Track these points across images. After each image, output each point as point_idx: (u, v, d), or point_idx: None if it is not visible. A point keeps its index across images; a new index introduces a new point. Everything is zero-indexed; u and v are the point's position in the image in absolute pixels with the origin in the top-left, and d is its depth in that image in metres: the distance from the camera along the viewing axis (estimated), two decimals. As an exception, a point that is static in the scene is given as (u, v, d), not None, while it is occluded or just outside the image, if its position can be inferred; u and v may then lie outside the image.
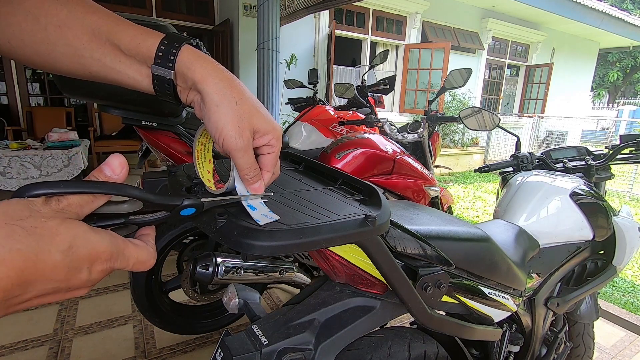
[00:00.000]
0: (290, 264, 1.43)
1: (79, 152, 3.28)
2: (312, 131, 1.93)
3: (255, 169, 0.39)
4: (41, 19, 0.39)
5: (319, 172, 0.54)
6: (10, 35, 0.38)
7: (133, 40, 0.38)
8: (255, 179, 0.39)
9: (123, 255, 0.31)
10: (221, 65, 0.40)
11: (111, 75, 0.40)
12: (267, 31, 3.29)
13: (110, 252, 0.29)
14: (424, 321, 0.59)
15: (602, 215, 0.99)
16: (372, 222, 0.38)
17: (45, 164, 3.11)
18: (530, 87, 8.48)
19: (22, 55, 0.40)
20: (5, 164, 2.97)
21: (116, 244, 0.30)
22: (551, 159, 1.22)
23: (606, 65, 16.68)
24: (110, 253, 0.29)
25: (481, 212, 4.03)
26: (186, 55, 0.38)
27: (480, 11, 7.08)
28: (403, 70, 6.50)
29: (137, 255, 0.32)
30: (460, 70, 1.61)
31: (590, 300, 1.14)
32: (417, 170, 1.59)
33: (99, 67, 0.39)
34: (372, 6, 5.97)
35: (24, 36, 0.39)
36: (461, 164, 6.59)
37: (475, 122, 1.44)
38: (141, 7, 4.78)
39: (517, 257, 0.81)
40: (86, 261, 0.28)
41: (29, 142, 3.29)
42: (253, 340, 0.52)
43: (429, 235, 0.61)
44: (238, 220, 0.35)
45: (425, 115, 1.74)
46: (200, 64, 0.38)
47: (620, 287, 2.42)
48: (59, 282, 0.27)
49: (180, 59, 0.38)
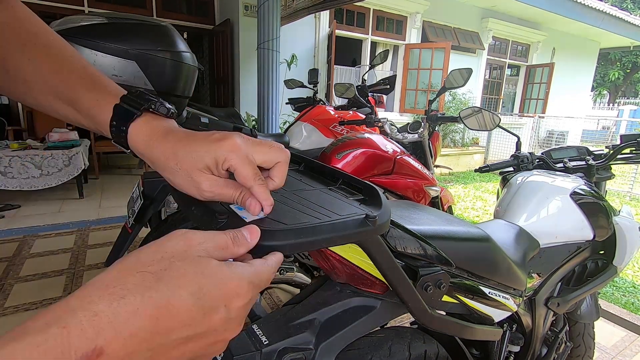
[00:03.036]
0: (290, 264, 1.43)
1: (80, 152, 3.28)
2: (312, 131, 1.93)
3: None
4: (10, 71, 0.40)
5: (320, 172, 0.53)
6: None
7: (89, 112, 0.40)
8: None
9: (262, 282, 0.30)
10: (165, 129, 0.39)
11: (82, 125, 0.42)
12: (267, 31, 3.29)
13: (247, 284, 0.28)
14: (424, 321, 0.58)
15: (602, 215, 0.99)
16: (372, 222, 0.38)
17: (46, 164, 3.12)
18: (530, 87, 8.47)
19: (4, 94, 0.43)
20: (6, 164, 2.97)
21: (250, 273, 0.28)
22: (551, 158, 1.22)
23: (607, 64, 16.67)
24: (247, 286, 0.28)
25: (481, 212, 4.03)
26: (134, 137, 0.38)
27: (480, 11, 7.07)
28: (403, 70, 6.50)
29: (268, 278, 0.31)
30: (460, 70, 1.61)
31: (591, 300, 1.14)
32: (417, 170, 1.59)
33: (67, 119, 0.42)
34: (373, 6, 5.96)
35: (0, 84, 0.42)
36: (461, 164, 6.59)
37: (476, 122, 1.44)
38: (141, 7, 4.78)
39: (518, 257, 0.81)
40: (221, 300, 0.26)
41: (30, 142, 3.29)
42: (253, 340, 0.52)
43: (430, 235, 0.61)
44: (238, 220, 0.35)
45: (426, 115, 1.73)
46: (145, 149, 0.38)
47: (620, 287, 2.42)
48: (199, 327, 0.25)
49: (130, 140, 0.38)
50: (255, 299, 0.30)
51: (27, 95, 0.42)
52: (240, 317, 0.28)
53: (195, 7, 5.28)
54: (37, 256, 2.35)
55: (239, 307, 0.27)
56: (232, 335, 0.28)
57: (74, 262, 2.28)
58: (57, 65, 0.40)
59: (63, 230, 2.78)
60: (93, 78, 0.41)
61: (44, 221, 2.90)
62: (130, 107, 0.38)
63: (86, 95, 0.39)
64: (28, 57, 0.40)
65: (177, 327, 0.24)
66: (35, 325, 0.21)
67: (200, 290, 0.25)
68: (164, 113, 0.39)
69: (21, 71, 0.40)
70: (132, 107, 0.38)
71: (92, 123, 0.40)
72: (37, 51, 0.40)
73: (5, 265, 2.20)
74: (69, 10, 4.26)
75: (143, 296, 0.23)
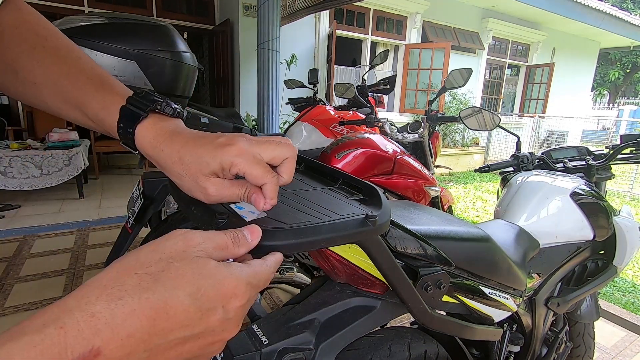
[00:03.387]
0: (290, 264, 1.43)
1: (80, 152, 3.29)
2: (312, 131, 1.93)
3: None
4: (19, 74, 0.41)
5: (320, 172, 0.53)
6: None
7: (97, 115, 0.40)
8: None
9: (261, 282, 0.29)
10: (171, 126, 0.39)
11: (91, 128, 0.43)
12: (267, 31, 3.29)
13: (244, 285, 0.28)
14: (425, 321, 0.58)
15: (602, 215, 0.99)
16: (372, 222, 0.38)
17: (46, 164, 3.12)
18: (530, 87, 8.46)
19: (11, 96, 0.43)
20: (6, 164, 2.97)
21: (248, 273, 0.28)
22: (551, 158, 1.22)
23: (607, 64, 16.67)
24: (244, 286, 0.28)
25: (481, 212, 4.03)
26: (141, 139, 0.38)
27: (480, 11, 7.07)
28: (403, 70, 6.50)
29: (267, 278, 0.31)
30: (460, 70, 1.61)
31: (591, 300, 1.14)
32: (417, 170, 1.59)
33: (76, 121, 0.42)
34: (373, 6, 5.96)
35: (8, 86, 0.42)
36: (461, 164, 6.59)
37: (476, 122, 1.44)
38: (141, 7, 4.78)
39: (518, 257, 0.81)
40: (218, 300, 0.26)
41: (30, 142, 3.29)
42: (253, 340, 0.52)
43: (430, 235, 0.61)
44: (239, 220, 0.35)
45: (426, 115, 1.73)
46: (151, 151, 0.38)
47: (620, 287, 2.42)
48: (196, 327, 0.25)
49: (137, 142, 0.39)
50: (253, 300, 0.30)
51: (37, 98, 0.42)
52: (238, 318, 0.28)
53: (195, 7, 5.28)
54: (37, 256, 2.35)
55: (237, 308, 0.27)
56: (230, 336, 0.28)
57: (74, 262, 2.28)
58: (66, 68, 0.40)
59: (63, 230, 2.78)
60: (101, 79, 0.41)
61: (44, 221, 2.90)
62: (136, 109, 0.38)
63: (94, 98, 0.40)
64: (37, 59, 0.40)
65: (174, 327, 0.24)
66: (33, 325, 0.21)
67: (198, 291, 0.25)
68: (169, 113, 0.39)
69: (31, 74, 0.40)
70: (138, 108, 0.38)
71: (100, 125, 0.41)
72: (46, 54, 0.40)
73: (5, 265, 2.20)
74: (69, 10, 4.26)
75: (140, 297, 0.23)
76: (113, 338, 0.21)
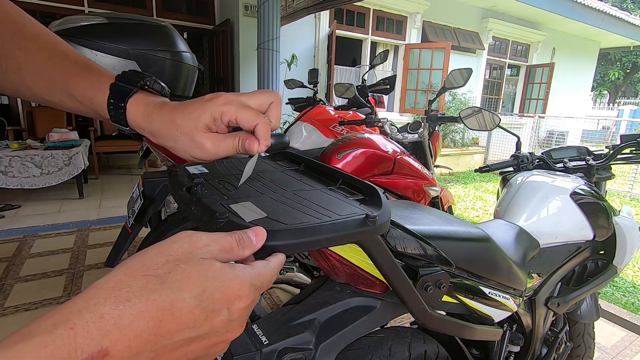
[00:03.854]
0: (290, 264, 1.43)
1: (80, 152, 3.29)
2: (312, 131, 1.93)
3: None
4: (2, 62, 0.41)
5: (320, 172, 0.53)
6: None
7: (85, 94, 0.41)
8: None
9: (264, 284, 0.30)
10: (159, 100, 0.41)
11: (76, 111, 0.43)
12: (267, 31, 3.29)
13: (249, 286, 0.28)
14: (425, 321, 0.58)
15: (602, 215, 0.99)
16: (372, 222, 0.38)
17: (46, 163, 3.12)
18: (530, 87, 8.46)
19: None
20: (7, 164, 2.97)
21: (252, 275, 0.29)
22: (551, 158, 1.22)
23: (607, 64, 16.67)
24: (248, 288, 0.28)
25: (481, 212, 4.03)
26: (133, 113, 0.40)
27: (480, 11, 7.07)
28: (403, 70, 6.49)
29: (270, 280, 0.31)
30: (460, 70, 1.60)
31: (591, 300, 1.14)
32: (417, 170, 1.59)
33: (61, 106, 0.43)
34: (373, 6, 5.96)
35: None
36: (461, 164, 6.58)
37: (476, 122, 1.44)
38: (141, 7, 4.78)
39: (518, 257, 0.81)
40: (223, 302, 0.27)
41: (30, 142, 3.30)
42: (253, 340, 0.52)
43: (430, 235, 0.61)
44: (238, 220, 0.35)
45: (426, 115, 1.73)
46: (144, 122, 0.40)
47: (620, 287, 2.42)
48: (201, 328, 0.26)
49: (129, 117, 0.40)
50: (257, 301, 0.30)
51: (21, 85, 0.42)
52: (242, 319, 0.28)
53: (195, 7, 5.28)
54: (37, 256, 2.35)
55: (241, 309, 0.28)
56: (234, 336, 0.29)
57: (74, 262, 2.28)
58: (47, 52, 0.41)
59: (63, 230, 2.78)
60: (86, 62, 0.42)
61: (44, 221, 2.90)
62: (126, 85, 0.40)
63: (81, 78, 0.41)
64: (18, 45, 0.40)
65: (180, 329, 0.25)
66: (43, 325, 0.21)
67: (204, 293, 0.25)
68: (158, 90, 0.42)
69: (13, 60, 0.41)
70: (128, 84, 0.40)
71: (89, 105, 0.41)
72: (26, 40, 0.41)
73: (5, 265, 2.20)
74: (69, 10, 4.26)
75: (147, 299, 0.23)
76: (121, 339, 0.22)
